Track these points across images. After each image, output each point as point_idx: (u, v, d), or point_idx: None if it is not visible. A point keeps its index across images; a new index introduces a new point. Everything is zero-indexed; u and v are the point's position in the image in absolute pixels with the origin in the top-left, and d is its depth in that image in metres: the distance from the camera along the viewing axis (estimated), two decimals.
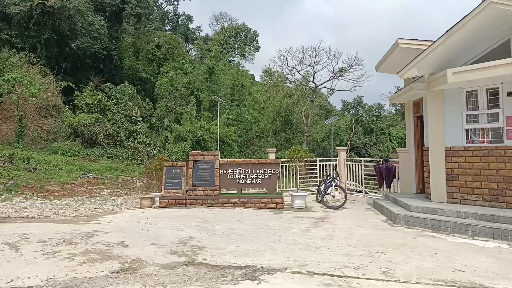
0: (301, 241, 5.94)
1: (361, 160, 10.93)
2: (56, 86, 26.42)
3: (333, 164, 11.53)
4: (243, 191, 9.88)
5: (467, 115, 7.42)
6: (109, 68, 33.77)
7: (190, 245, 5.45)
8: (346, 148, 11.31)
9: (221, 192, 9.97)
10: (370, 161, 11.41)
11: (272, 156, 11.15)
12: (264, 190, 9.81)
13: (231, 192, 10.15)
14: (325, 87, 34.75)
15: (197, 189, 9.54)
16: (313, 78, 33.83)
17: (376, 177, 10.22)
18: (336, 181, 10.01)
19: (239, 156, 29.40)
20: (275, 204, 9.32)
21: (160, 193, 9.64)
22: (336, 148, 11.93)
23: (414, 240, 6.17)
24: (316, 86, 34.03)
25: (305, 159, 9.65)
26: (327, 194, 10.13)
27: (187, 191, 9.60)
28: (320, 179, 10.93)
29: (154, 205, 9.78)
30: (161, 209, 9.05)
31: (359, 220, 7.92)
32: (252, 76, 44.02)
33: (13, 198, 11.64)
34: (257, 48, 50.04)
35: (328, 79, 33.66)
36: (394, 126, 46.46)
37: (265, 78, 49.86)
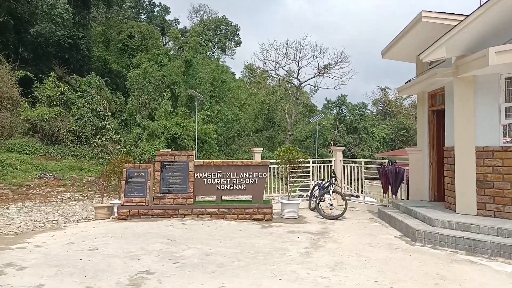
0: (304, 275, 4.27)
1: (361, 162, 9.37)
2: (12, 76, 23.74)
3: (328, 166, 9.93)
4: (223, 199, 8.13)
5: (506, 108, 5.94)
6: (76, 58, 31.13)
7: None
8: (343, 148, 9.68)
9: (196, 200, 8.19)
10: (372, 163, 9.89)
11: (258, 157, 9.45)
12: (249, 197, 8.09)
13: (209, 200, 8.39)
14: (309, 84, 33.52)
15: (166, 197, 7.72)
16: (298, 75, 32.41)
17: (379, 181, 8.68)
18: (333, 186, 8.41)
19: (219, 156, 27.52)
20: (262, 215, 7.62)
21: (120, 201, 7.77)
22: (332, 147, 10.35)
23: (452, 269, 4.61)
24: (301, 83, 32.63)
25: (298, 160, 8.00)
26: (322, 201, 8.53)
27: (154, 199, 7.76)
28: (315, 183, 9.32)
29: (112, 216, 7.90)
30: (119, 222, 7.18)
31: (367, 236, 6.33)
32: (233, 74, 42.14)
33: None
34: (238, 43, 48.23)
35: (312, 75, 32.27)
36: (375, 126, 45.80)
37: (246, 74, 48.18)
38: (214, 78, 31.93)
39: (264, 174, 7.97)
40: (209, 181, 7.91)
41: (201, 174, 7.90)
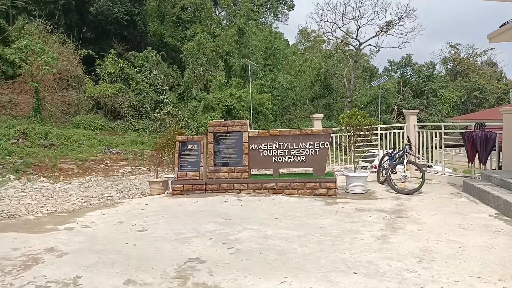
0: (385, 267, 3.46)
1: (440, 126, 8.04)
2: (76, 55, 24.72)
3: (398, 132, 8.74)
4: (281, 172, 7.44)
5: None
6: (133, 35, 31.65)
7: (193, 282, 3.13)
8: (417, 111, 8.40)
9: (252, 173, 7.59)
10: (453, 128, 8.49)
11: (318, 125, 8.54)
12: (310, 170, 7.31)
13: (265, 173, 7.76)
14: (370, 44, 30.88)
15: (220, 171, 7.22)
16: (357, 35, 30.04)
17: (464, 149, 7.36)
18: (407, 155, 7.30)
19: (275, 126, 26.84)
20: (325, 190, 6.82)
21: (174, 176, 7.42)
22: (404, 111, 9.08)
23: None
24: (360, 44, 30.25)
25: (365, 127, 6.98)
26: (393, 173, 7.48)
27: (208, 172, 7.30)
28: (384, 152, 8.24)
29: (167, 191, 7.61)
30: (173, 198, 6.84)
31: (454, 215, 5.28)
32: (286, 40, 40.32)
33: (9, 180, 9.93)
34: (291, 7, 45.91)
35: (373, 35, 29.70)
36: (445, 88, 41.72)
37: (301, 40, 46.14)
38: (268, 46, 30.80)
39: (327, 144, 7.09)
40: (265, 153, 7.23)
41: (256, 145, 7.24)
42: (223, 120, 7.38)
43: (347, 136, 7.31)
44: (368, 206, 6.02)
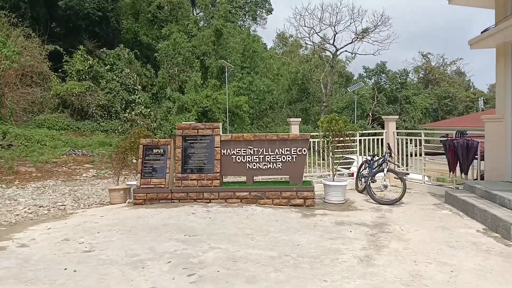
0: None
1: (420, 134, 7.72)
2: (42, 51, 23.31)
3: (377, 139, 8.38)
4: (255, 180, 6.88)
5: None
6: (106, 31, 30.37)
7: None
8: (396, 117, 8.07)
9: (224, 181, 7.00)
10: (433, 135, 8.19)
11: (295, 129, 8.04)
12: (286, 177, 6.79)
13: (238, 181, 7.18)
14: (346, 50, 30.89)
15: (188, 178, 6.57)
16: (333, 41, 29.98)
17: (445, 157, 7.04)
18: (387, 163, 6.92)
19: (251, 129, 26.30)
20: (302, 200, 6.31)
21: (136, 183, 6.71)
22: (383, 117, 8.73)
23: None
24: (337, 50, 30.22)
25: (345, 133, 6.53)
26: (373, 182, 7.08)
27: (175, 180, 6.64)
28: (363, 159, 7.84)
29: (129, 200, 6.89)
30: (134, 208, 6.14)
31: (440, 230, 4.88)
32: (264, 45, 39.91)
33: None
34: (270, 11, 45.71)
35: (350, 41, 29.72)
36: (417, 95, 42.57)
37: (278, 44, 45.90)
38: (245, 48, 30.29)
39: (304, 150, 6.59)
40: (239, 158, 6.66)
41: (229, 150, 6.65)
42: (193, 122, 6.72)
43: (326, 142, 6.83)
44: (348, 218, 5.55)
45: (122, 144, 7.36)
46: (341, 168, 10.28)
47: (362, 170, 7.70)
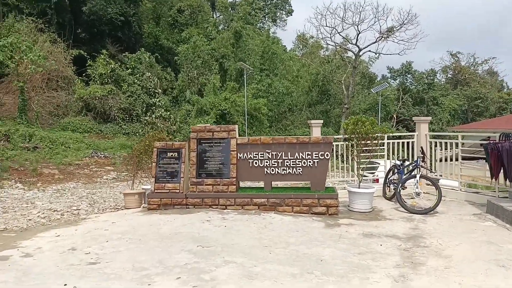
0: None
1: (457, 137, 7.10)
2: (67, 56, 23.73)
3: (407, 142, 7.80)
4: (273, 185, 6.46)
5: None
6: (128, 36, 30.77)
7: None
8: (429, 119, 7.46)
9: (240, 187, 6.62)
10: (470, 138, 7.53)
11: (317, 132, 7.58)
12: (307, 183, 6.35)
13: (256, 187, 6.78)
14: (369, 50, 29.94)
15: (203, 183, 6.23)
16: (356, 41, 29.15)
17: (487, 162, 6.42)
18: (419, 168, 6.36)
19: (270, 132, 25.87)
20: (325, 208, 5.85)
21: (151, 187, 6.43)
22: (414, 118, 8.14)
23: None
24: (360, 50, 29.36)
25: (373, 135, 6.03)
26: (403, 189, 6.54)
27: (190, 185, 6.31)
28: (391, 164, 7.30)
29: (143, 204, 6.61)
30: (147, 214, 5.84)
31: (485, 245, 4.32)
32: (284, 47, 39.45)
33: None
34: (290, 12, 45.29)
35: (374, 40, 28.81)
36: (445, 96, 41.05)
37: (299, 45, 45.37)
38: (264, 50, 29.95)
39: (327, 155, 6.13)
40: (256, 163, 6.26)
41: (245, 154, 6.27)
42: (208, 124, 6.36)
43: (351, 145, 6.34)
44: (377, 229, 5.05)
45: (136, 147, 7.11)
46: (366, 173, 9.75)
47: (391, 176, 7.15)
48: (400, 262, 3.80)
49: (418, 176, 6.24)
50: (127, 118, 22.73)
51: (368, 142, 6.15)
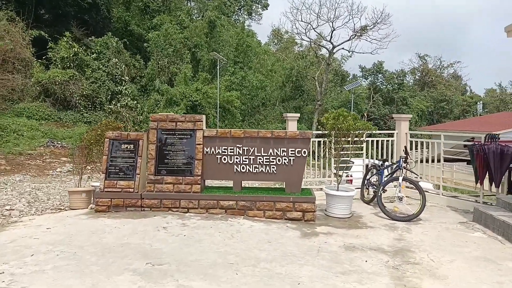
0: None
1: (439, 136, 6.63)
2: (25, 36, 21.82)
3: (385, 141, 7.27)
4: (244, 185, 5.73)
5: None
6: (95, 19, 28.96)
7: None
8: (410, 116, 6.94)
9: (206, 186, 5.84)
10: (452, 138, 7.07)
11: (293, 126, 6.90)
12: (282, 184, 5.66)
13: (224, 186, 6.01)
14: (343, 48, 29.73)
15: (163, 181, 5.39)
16: (331, 37, 28.84)
17: (471, 165, 5.97)
18: (402, 170, 5.82)
19: (242, 126, 25.11)
20: (300, 213, 5.18)
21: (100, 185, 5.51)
22: (395, 115, 7.62)
23: None
24: (334, 47, 29.07)
25: (354, 132, 5.39)
26: (384, 191, 5.99)
27: (147, 183, 5.45)
28: (370, 164, 6.74)
29: (91, 204, 5.69)
30: (93, 218, 4.94)
31: (482, 262, 3.79)
32: (259, 42, 38.67)
33: None
34: (265, 6, 44.53)
35: (347, 38, 28.61)
36: (413, 97, 41.87)
37: (274, 40, 44.74)
38: (239, 43, 29.12)
39: (304, 152, 5.46)
40: (225, 159, 5.49)
41: (213, 149, 5.49)
42: (170, 113, 5.50)
43: (330, 142, 5.69)
44: (360, 240, 4.43)
45: (86, 136, 6.16)
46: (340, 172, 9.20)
47: (370, 177, 6.60)
48: (392, 285, 3.17)
49: (401, 178, 5.69)
50: (90, 106, 21.27)
51: (349, 139, 5.51)
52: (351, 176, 9.65)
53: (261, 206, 5.22)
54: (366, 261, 3.76)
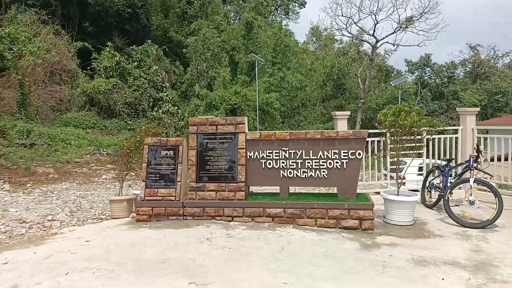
0: None
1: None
2: (71, 48, 22.81)
3: (449, 138, 6.50)
4: (291, 192, 5.26)
5: None
6: (136, 28, 29.79)
7: None
8: (477, 110, 6.08)
9: (251, 192, 5.44)
10: None
11: (342, 126, 6.32)
12: (334, 189, 5.14)
13: (269, 193, 5.57)
14: (387, 42, 28.26)
15: (204, 188, 5.06)
16: (373, 31, 27.56)
17: None
18: (472, 170, 5.08)
19: (282, 128, 24.62)
20: (357, 221, 4.63)
21: (140, 193, 5.29)
22: (458, 110, 6.82)
23: None
24: (377, 41, 27.74)
25: (419, 130, 4.74)
26: (450, 194, 5.26)
27: (188, 191, 5.15)
28: (433, 164, 6.04)
29: (133, 213, 5.49)
30: (134, 228, 4.71)
31: None
32: (297, 41, 38.00)
33: None
34: (303, 4, 43.78)
35: (392, 31, 27.19)
36: (464, 91, 39.21)
37: (312, 39, 43.86)
38: (277, 43, 28.67)
39: (359, 154, 4.90)
40: (270, 164, 5.06)
41: (257, 153, 5.08)
42: (211, 116, 5.18)
43: (391, 140, 5.08)
44: (429, 252, 3.82)
45: (125, 143, 5.98)
46: (390, 174, 8.46)
47: (433, 179, 5.89)
48: None
49: (472, 180, 4.96)
50: (133, 113, 21.77)
51: (412, 137, 4.87)
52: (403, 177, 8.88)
53: (312, 213, 4.72)
54: (442, 278, 3.16)
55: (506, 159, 5.80)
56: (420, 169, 7.72)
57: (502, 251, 3.87)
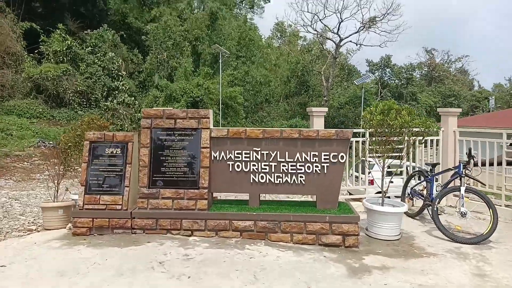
0: None
1: (501, 134, 5.37)
2: (16, 29, 20.60)
3: (429, 140, 6.03)
4: (262, 199, 4.49)
5: None
6: (91, 12, 27.78)
7: None
8: (459, 110, 5.61)
9: (215, 200, 4.61)
10: None
11: (319, 124, 5.64)
12: (312, 197, 4.44)
13: (237, 200, 4.76)
14: (350, 41, 28.40)
15: (159, 195, 4.17)
16: (338, 30, 27.52)
17: None
18: (462, 177, 4.58)
19: (245, 124, 23.86)
20: (340, 237, 3.95)
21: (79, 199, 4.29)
22: (439, 110, 6.35)
23: None
24: (341, 40, 27.74)
25: (410, 130, 4.14)
26: (438, 203, 4.74)
27: (139, 198, 4.22)
28: (415, 169, 5.54)
29: (70, 224, 4.47)
30: (67, 246, 3.74)
31: None
32: (262, 36, 37.27)
33: None
34: None
35: (355, 30, 27.30)
36: (420, 93, 40.68)
37: (277, 34, 43.39)
38: (241, 36, 27.84)
39: (342, 157, 4.22)
40: (238, 166, 4.26)
41: (223, 153, 4.26)
42: (169, 108, 4.26)
43: (376, 142, 4.45)
44: (429, 279, 3.21)
45: (63, 138, 4.93)
46: (355, 174, 7.95)
47: (415, 185, 5.37)
48: None
49: (463, 189, 4.46)
50: (84, 103, 20.08)
51: (396, 138, 4.26)
52: (372, 176, 8.45)
53: (288, 227, 3.99)
54: None
55: (491, 164, 5.39)
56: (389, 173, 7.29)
57: (508, 276, 3.35)
